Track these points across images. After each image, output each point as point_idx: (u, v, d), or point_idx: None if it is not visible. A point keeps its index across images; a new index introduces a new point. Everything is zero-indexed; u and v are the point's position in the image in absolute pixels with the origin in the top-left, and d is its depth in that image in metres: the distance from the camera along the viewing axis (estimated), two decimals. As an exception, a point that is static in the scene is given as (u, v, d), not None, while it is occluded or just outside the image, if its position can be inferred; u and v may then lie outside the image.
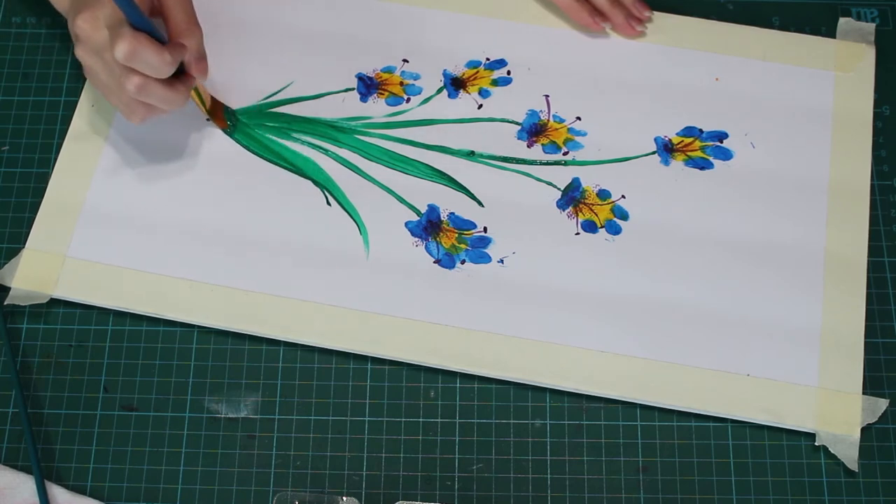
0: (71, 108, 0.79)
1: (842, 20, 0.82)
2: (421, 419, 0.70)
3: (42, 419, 0.70)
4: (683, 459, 0.69)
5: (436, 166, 0.77)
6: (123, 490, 0.69)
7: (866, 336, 0.72)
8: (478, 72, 0.80)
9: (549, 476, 0.69)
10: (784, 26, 0.82)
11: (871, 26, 0.82)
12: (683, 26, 0.82)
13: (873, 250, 0.74)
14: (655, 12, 0.82)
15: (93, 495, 0.68)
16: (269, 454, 0.70)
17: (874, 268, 0.74)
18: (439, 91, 0.80)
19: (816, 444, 0.69)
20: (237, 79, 0.80)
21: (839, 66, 0.80)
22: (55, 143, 0.78)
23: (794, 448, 0.70)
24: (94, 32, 0.68)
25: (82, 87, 0.79)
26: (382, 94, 0.80)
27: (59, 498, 0.67)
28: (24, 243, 0.75)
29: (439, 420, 0.70)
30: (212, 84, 0.79)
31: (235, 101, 0.79)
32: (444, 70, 0.80)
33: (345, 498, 0.68)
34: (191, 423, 0.70)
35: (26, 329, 0.73)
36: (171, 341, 0.72)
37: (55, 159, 0.77)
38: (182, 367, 0.72)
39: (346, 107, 0.79)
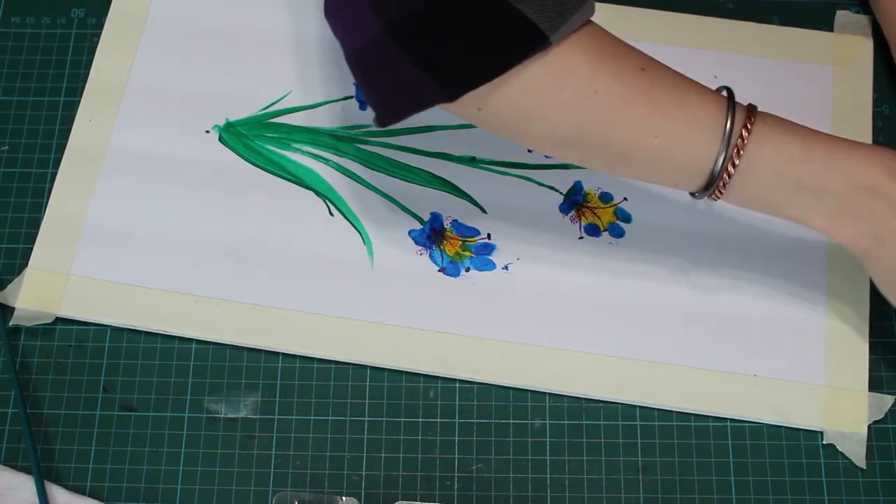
0: (70, 107, 0.79)
1: (839, 13, 0.82)
2: (420, 419, 0.70)
3: (42, 419, 0.70)
4: (683, 459, 0.69)
5: (437, 173, 0.77)
6: (123, 490, 0.69)
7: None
8: (476, 75, 0.80)
9: (548, 476, 0.69)
10: (784, 25, 0.82)
11: (868, 18, 0.81)
12: (681, 24, 0.81)
13: (873, 250, 0.74)
14: (652, 10, 0.82)
15: (92, 495, 0.68)
16: (268, 454, 0.70)
17: (874, 267, 0.74)
18: (438, 96, 0.80)
19: (824, 442, 0.69)
20: (235, 90, 0.79)
21: (837, 59, 0.80)
22: (55, 144, 0.78)
23: (793, 448, 0.70)
24: None
25: (80, 94, 0.79)
26: (381, 100, 0.79)
27: (59, 498, 0.67)
28: (23, 242, 0.75)
29: (439, 420, 0.70)
30: (209, 95, 0.79)
31: (234, 113, 0.79)
32: (443, 74, 0.80)
33: (344, 498, 0.68)
34: (190, 424, 0.70)
35: (26, 329, 0.73)
36: (170, 341, 0.72)
37: (55, 160, 0.77)
38: (182, 367, 0.72)
39: (345, 115, 0.79)
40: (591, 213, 0.76)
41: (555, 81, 0.60)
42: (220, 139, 0.78)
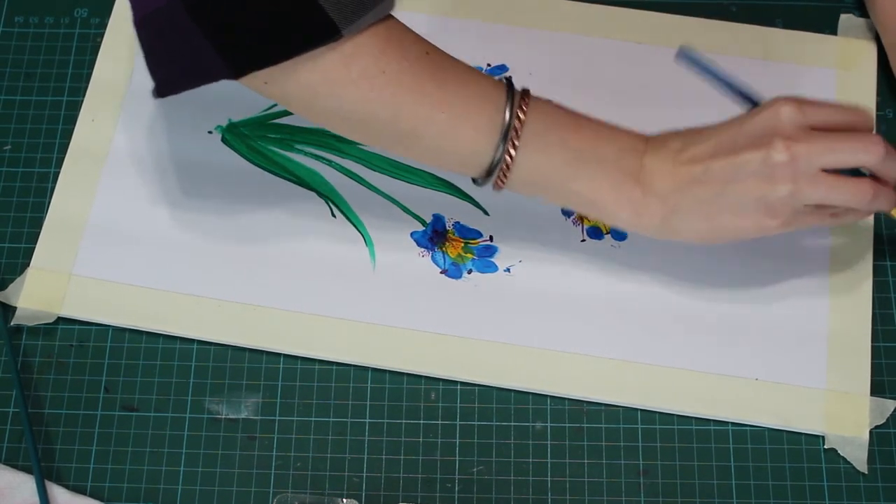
0: (73, 107, 0.79)
1: (843, 17, 0.82)
2: (422, 421, 0.70)
3: (42, 419, 0.70)
4: (684, 462, 0.69)
5: (439, 175, 0.77)
6: (123, 490, 0.69)
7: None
8: (479, 77, 0.80)
9: (549, 479, 0.69)
10: (787, 28, 0.82)
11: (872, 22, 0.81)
12: (685, 27, 0.81)
13: (875, 254, 0.74)
14: (656, 13, 0.82)
15: (93, 495, 0.68)
16: (269, 455, 0.70)
17: (876, 271, 0.74)
18: (441, 97, 0.79)
19: (826, 447, 0.69)
20: (237, 90, 0.79)
21: (841, 63, 0.80)
22: (57, 143, 0.78)
23: (795, 452, 0.70)
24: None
25: (83, 94, 0.79)
26: (383, 101, 0.79)
27: (60, 498, 0.67)
28: (25, 241, 0.75)
29: (440, 422, 0.70)
30: (212, 96, 0.79)
31: (237, 114, 0.79)
32: (446, 76, 0.80)
33: (345, 500, 0.68)
34: (191, 424, 0.70)
35: (27, 328, 0.73)
36: (172, 342, 0.72)
37: (57, 159, 0.77)
38: (183, 367, 0.72)
39: None
40: (593, 215, 0.76)
41: (343, 62, 0.61)
42: (223, 140, 0.78)
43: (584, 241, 0.75)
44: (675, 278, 0.74)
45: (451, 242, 0.75)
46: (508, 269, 0.74)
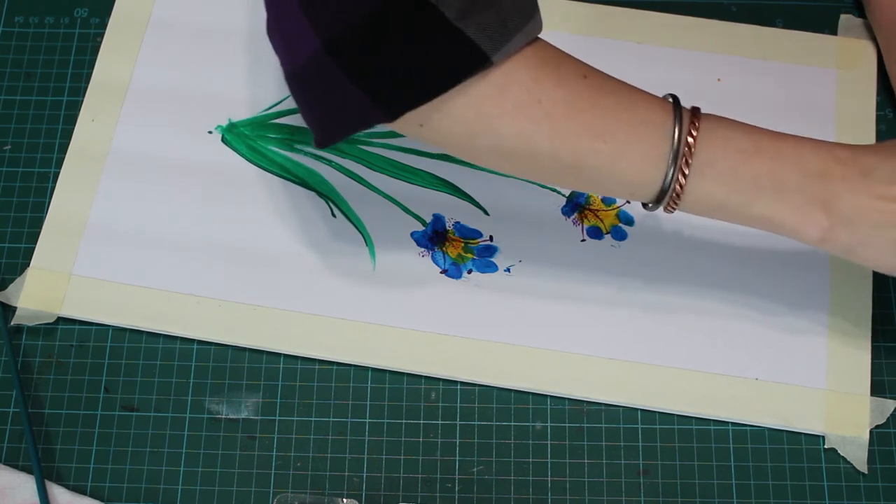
0: (73, 107, 0.79)
1: (843, 17, 0.82)
2: (422, 421, 0.70)
3: (43, 419, 0.70)
4: (684, 462, 0.69)
5: (439, 175, 0.77)
6: (124, 490, 0.69)
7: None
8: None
9: (549, 479, 0.69)
10: (787, 28, 0.82)
11: None
12: (684, 27, 0.81)
13: (875, 254, 0.74)
14: (656, 13, 0.82)
15: (93, 495, 0.68)
16: (269, 455, 0.70)
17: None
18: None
19: (826, 446, 0.69)
20: (237, 90, 0.79)
21: (841, 63, 0.80)
22: (57, 143, 0.78)
23: (795, 451, 0.70)
24: None
25: (83, 94, 0.79)
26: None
27: (60, 498, 0.67)
28: (25, 241, 0.75)
29: (440, 422, 0.70)
30: (212, 96, 0.79)
31: (236, 114, 0.79)
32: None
33: (345, 500, 0.68)
34: (191, 424, 0.70)
35: (27, 328, 0.73)
36: (172, 342, 0.72)
37: (57, 159, 0.77)
38: (183, 367, 0.72)
39: None
40: (593, 215, 0.76)
41: (497, 93, 0.59)
42: (223, 140, 0.78)
43: (584, 241, 0.75)
44: (675, 278, 0.74)
45: (451, 242, 0.75)
46: (508, 269, 0.74)
